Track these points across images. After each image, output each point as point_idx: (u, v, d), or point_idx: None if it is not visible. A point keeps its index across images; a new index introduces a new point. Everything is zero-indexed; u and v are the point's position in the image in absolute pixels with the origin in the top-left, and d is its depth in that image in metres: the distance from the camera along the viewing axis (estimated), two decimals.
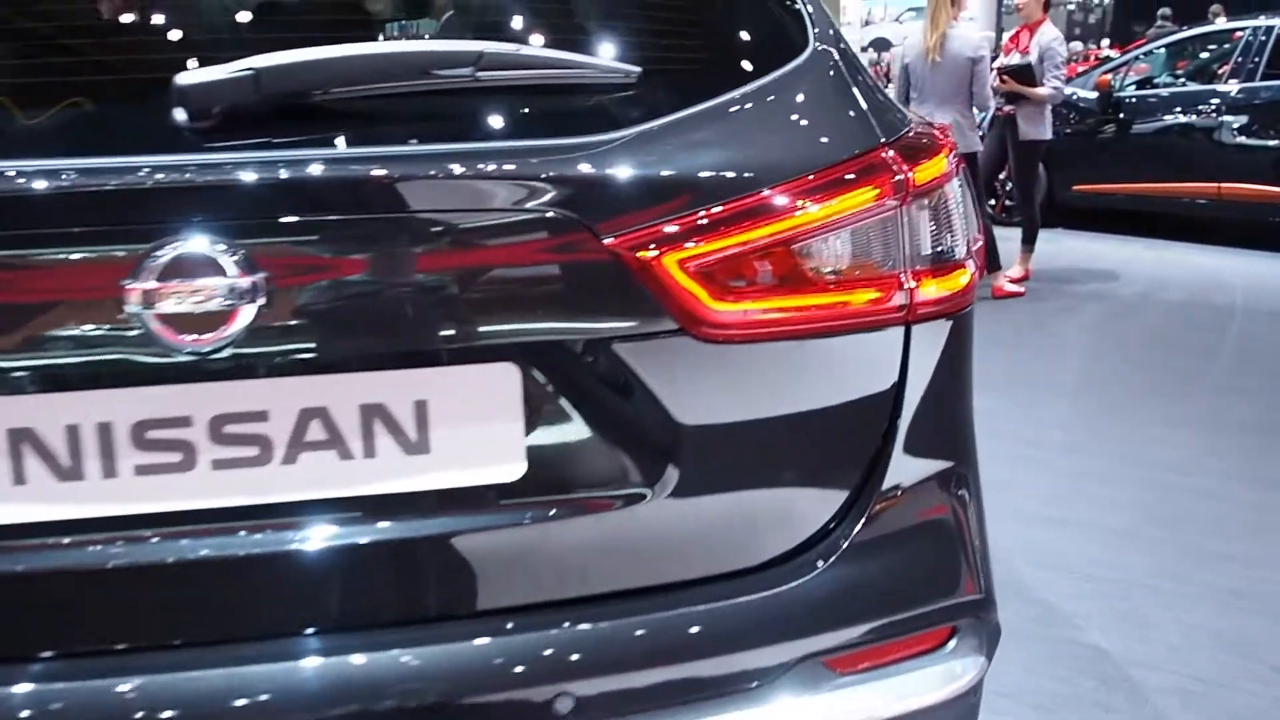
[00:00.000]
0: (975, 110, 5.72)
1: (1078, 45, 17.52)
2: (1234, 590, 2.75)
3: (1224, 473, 3.54)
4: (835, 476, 1.25)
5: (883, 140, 1.24)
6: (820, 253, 1.18)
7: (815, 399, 1.21)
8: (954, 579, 1.32)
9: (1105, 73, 8.23)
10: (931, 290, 1.24)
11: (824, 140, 1.24)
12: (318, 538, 1.11)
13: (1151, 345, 5.16)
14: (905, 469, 1.27)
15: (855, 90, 1.30)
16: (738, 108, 1.21)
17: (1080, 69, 9.13)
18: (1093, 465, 3.62)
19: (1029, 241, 6.36)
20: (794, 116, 1.25)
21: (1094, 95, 8.02)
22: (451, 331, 1.10)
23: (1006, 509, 3.20)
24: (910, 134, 1.29)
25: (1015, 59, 5.99)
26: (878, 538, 1.25)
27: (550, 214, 1.09)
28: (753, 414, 1.20)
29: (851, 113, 1.27)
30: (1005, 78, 5.90)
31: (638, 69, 1.18)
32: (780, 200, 1.15)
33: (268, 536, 1.10)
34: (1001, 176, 7.24)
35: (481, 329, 1.10)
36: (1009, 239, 6.43)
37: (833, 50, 1.33)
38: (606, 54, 1.21)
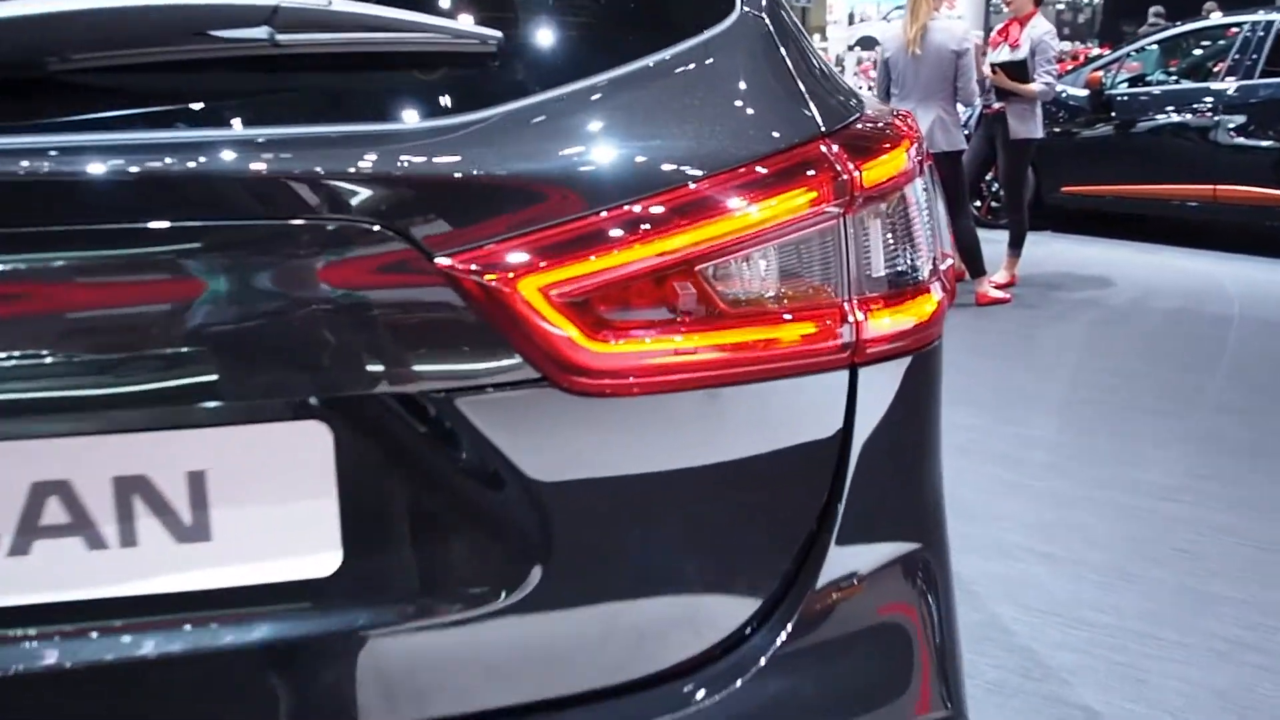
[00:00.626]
0: (960, 106, 5.48)
1: (1066, 45, 17.39)
2: (1237, 640, 2.48)
3: (1221, 500, 3.28)
4: (755, 569, 0.97)
5: (823, 130, 0.96)
6: (736, 276, 0.91)
7: (728, 470, 0.94)
8: (913, 695, 1.04)
9: (1096, 70, 8.00)
10: (885, 323, 0.96)
11: (745, 129, 0.95)
12: (58, 654, 0.85)
13: (1143, 356, 4.90)
14: (849, 557, 0.99)
15: (790, 68, 1.01)
16: (632, 87, 0.93)
17: (1069, 67, 8.89)
18: (1080, 491, 3.36)
19: (1016, 245, 6.17)
20: (707, 99, 0.96)
21: (1084, 93, 7.81)
22: (235, 380, 0.82)
23: (987, 541, 2.98)
24: (860, 122, 1.01)
25: (1005, 53, 5.76)
26: (812, 645, 0.97)
27: (364, 225, 0.81)
28: (642, 491, 0.92)
29: (784, 95, 0.99)
30: (997, 69, 5.67)
31: (498, 34, 0.90)
32: (683, 206, 0.88)
33: None
34: (988, 177, 7.02)
35: (276, 378, 0.83)
36: (995, 242, 6.20)
37: (764, 16, 1.04)
38: (460, 15, 0.93)
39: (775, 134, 0.94)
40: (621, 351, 0.87)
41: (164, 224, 0.79)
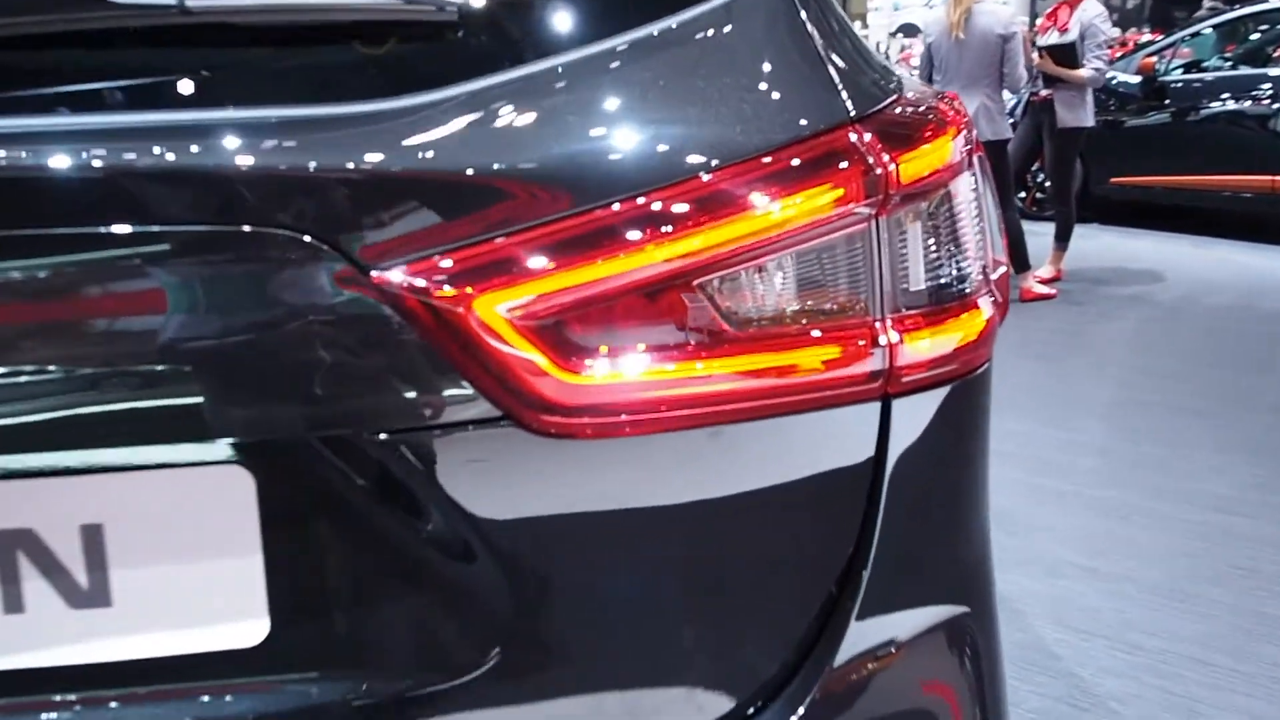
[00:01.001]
0: (1006, 93, 5.28)
1: (1115, 31, 17.06)
2: None
3: None
4: (762, 640, 0.83)
5: (852, 114, 0.81)
6: (745, 290, 0.76)
7: (731, 526, 0.79)
8: None
9: (1149, 55, 7.73)
10: (924, 345, 0.82)
11: (759, 113, 0.80)
12: None
13: (1196, 356, 4.68)
14: (877, 625, 0.84)
15: (815, 40, 0.85)
16: (622, 63, 0.78)
17: (1118, 54, 8.61)
18: (1130, 501, 3.18)
19: (1063, 238, 5.96)
20: (714, 77, 0.80)
21: (1136, 80, 7.54)
22: (135, 418, 0.70)
23: (1030, 555, 2.82)
24: (897, 106, 0.85)
25: (1054, 37, 5.54)
26: None
27: (284, 233, 0.68)
28: (628, 551, 0.78)
29: (807, 73, 0.83)
30: (1044, 54, 5.47)
31: (457, 1, 0.75)
32: (681, 206, 0.73)
33: None
34: (1034, 167, 6.80)
35: (185, 415, 0.70)
36: (1040, 235, 5.98)
37: None
38: None
39: (795, 119, 0.79)
40: (601, 385, 0.73)
41: (40, 230, 0.66)
